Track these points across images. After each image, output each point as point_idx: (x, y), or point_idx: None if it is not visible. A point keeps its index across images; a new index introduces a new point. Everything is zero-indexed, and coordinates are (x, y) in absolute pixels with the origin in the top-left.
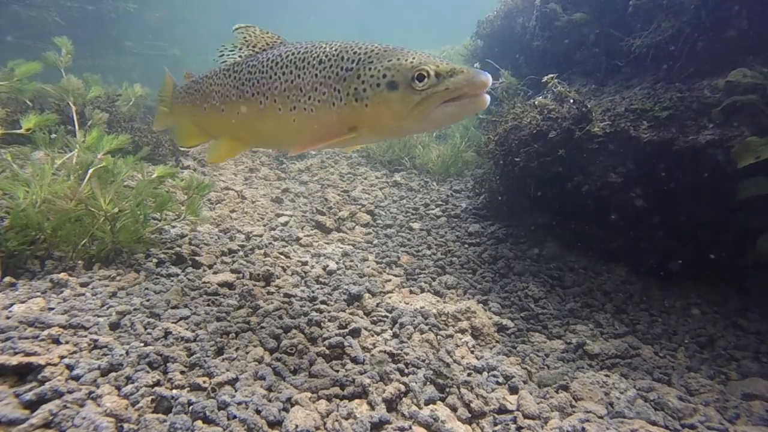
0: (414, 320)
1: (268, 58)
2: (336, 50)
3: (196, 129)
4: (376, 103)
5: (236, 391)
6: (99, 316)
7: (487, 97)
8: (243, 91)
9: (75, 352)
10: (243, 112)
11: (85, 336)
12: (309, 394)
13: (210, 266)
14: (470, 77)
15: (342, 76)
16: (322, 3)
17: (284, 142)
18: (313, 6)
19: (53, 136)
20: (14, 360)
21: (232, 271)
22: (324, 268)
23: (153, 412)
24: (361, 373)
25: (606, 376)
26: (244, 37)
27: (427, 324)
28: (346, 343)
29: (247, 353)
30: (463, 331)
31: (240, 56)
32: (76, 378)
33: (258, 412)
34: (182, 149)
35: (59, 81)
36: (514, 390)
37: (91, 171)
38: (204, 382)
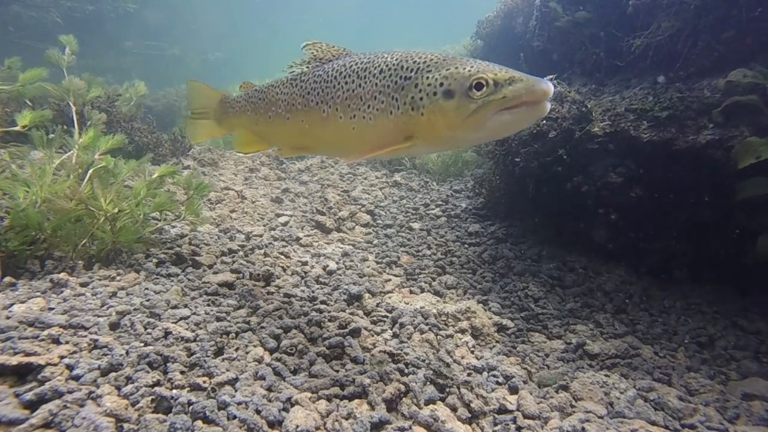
0: (414, 320)
1: (333, 68)
2: (396, 59)
3: (255, 136)
4: (431, 112)
5: (236, 391)
6: (99, 316)
7: (548, 105)
8: (308, 99)
9: (75, 352)
10: (307, 120)
11: (85, 336)
12: (309, 394)
13: (210, 266)
14: (529, 85)
15: (400, 85)
16: (322, 3)
17: (344, 150)
18: (313, 6)
19: (51, 135)
20: (14, 360)
21: (232, 271)
22: (324, 268)
23: (153, 412)
24: (361, 373)
25: (606, 376)
26: (312, 53)
27: (427, 324)
28: (346, 343)
29: (247, 353)
30: (463, 331)
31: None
32: (76, 378)
33: (258, 412)
34: (189, 149)
35: (59, 80)
36: (514, 390)
37: (91, 171)
38: (204, 382)
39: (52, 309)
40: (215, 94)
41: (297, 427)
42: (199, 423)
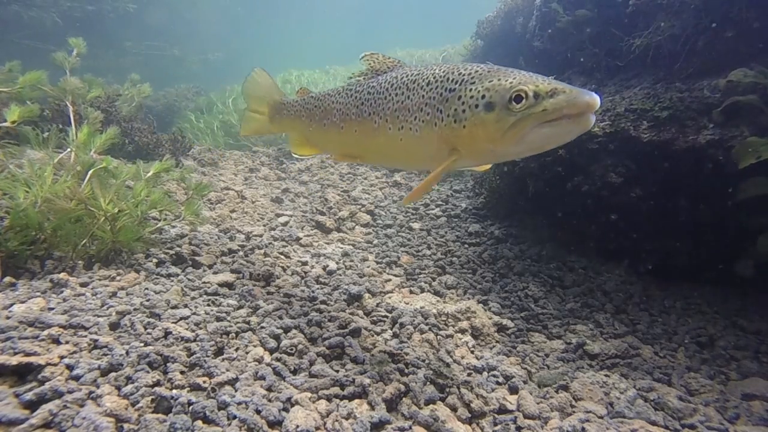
0: (414, 320)
1: (385, 80)
2: (443, 72)
3: (306, 141)
4: (472, 125)
5: (236, 391)
6: (99, 316)
7: (592, 118)
8: (362, 110)
9: (75, 352)
10: (360, 130)
11: (85, 336)
12: (309, 394)
13: (210, 266)
14: (571, 97)
15: (445, 97)
16: (322, 3)
17: (393, 161)
18: (313, 5)
19: (45, 134)
20: (14, 360)
21: (232, 271)
22: (324, 268)
23: (153, 412)
24: (361, 373)
25: (606, 376)
26: (369, 64)
27: (427, 324)
28: (346, 343)
29: (247, 353)
30: (463, 331)
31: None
32: (76, 378)
33: (258, 412)
34: (189, 148)
35: (60, 81)
36: (514, 390)
37: (91, 171)
38: (204, 382)
39: (52, 309)
40: (275, 91)
41: (297, 427)
42: (199, 423)
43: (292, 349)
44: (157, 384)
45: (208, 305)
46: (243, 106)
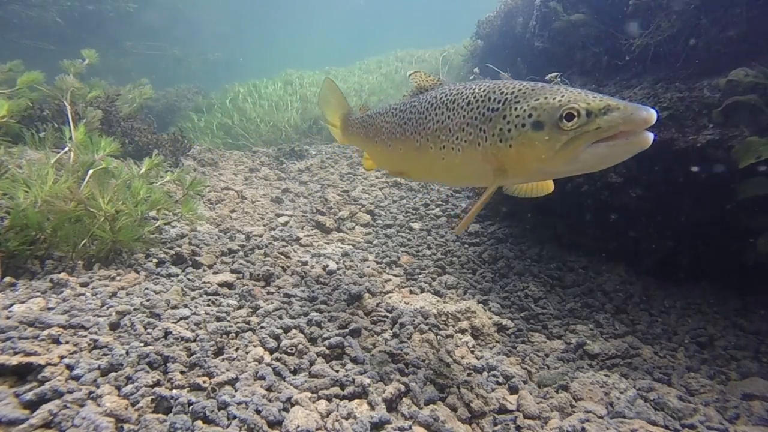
0: (414, 320)
1: (425, 100)
2: (484, 91)
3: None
4: (520, 144)
5: (236, 391)
6: (99, 316)
7: (650, 135)
8: (405, 129)
9: (75, 352)
10: (404, 148)
11: (85, 336)
12: (309, 394)
13: (210, 266)
14: (627, 114)
15: (488, 117)
16: (322, 3)
17: (438, 178)
18: (313, 5)
19: (42, 134)
20: (14, 360)
21: (232, 271)
22: (324, 268)
23: (153, 412)
24: (361, 373)
25: (606, 376)
26: (416, 82)
27: (427, 324)
28: (346, 343)
29: (247, 353)
30: (463, 331)
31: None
32: (76, 378)
33: (258, 412)
34: (189, 148)
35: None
36: (514, 390)
37: (91, 172)
38: (204, 382)
39: (52, 309)
40: (342, 105)
41: (297, 427)
42: (199, 423)
43: (292, 349)
44: (157, 384)
45: (208, 305)
46: (243, 106)
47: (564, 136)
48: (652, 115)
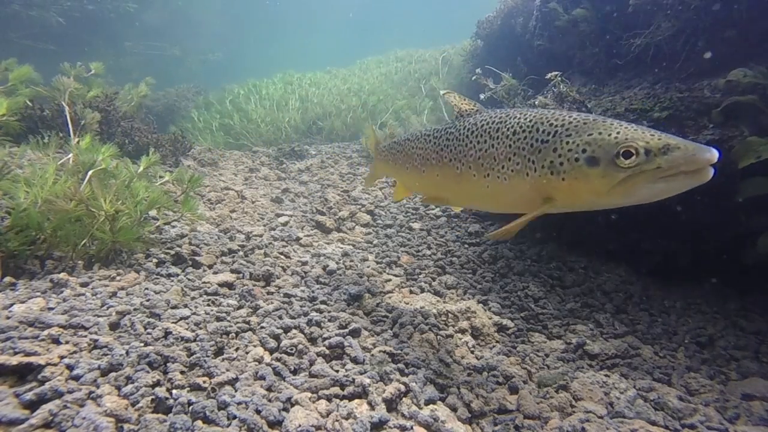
0: (414, 320)
1: (464, 126)
2: (530, 121)
3: (400, 183)
4: (573, 178)
5: (236, 391)
6: (99, 316)
7: (711, 171)
8: (442, 156)
9: (75, 352)
10: (442, 175)
11: (85, 336)
12: (309, 394)
13: (210, 266)
14: (689, 155)
15: (537, 148)
16: (322, 2)
17: (480, 205)
18: (312, 5)
19: (45, 140)
20: (14, 360)
21: (232, 271)
22: (324, 268)
23: (153, 412)
24: (361, 373)
25: (606, 376)
26: (450, 101)
27: (427, 324)
28: (346, 343)
29: (247, 353)
30: (463, 331)
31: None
32: (76, 378)
33: (258, 412)
34: (189, 148)
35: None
36: (514, 390)
37: (91, 172)
38: (204, 382)
39: (52, 309)
40: (373, 139)
41: (297, 427)
42: (199, 423)
43: (292, 349)
44: (157, 384)
45: (208, 305)
46: (246, 107)
47: (621, 173)
48: (714, 155)
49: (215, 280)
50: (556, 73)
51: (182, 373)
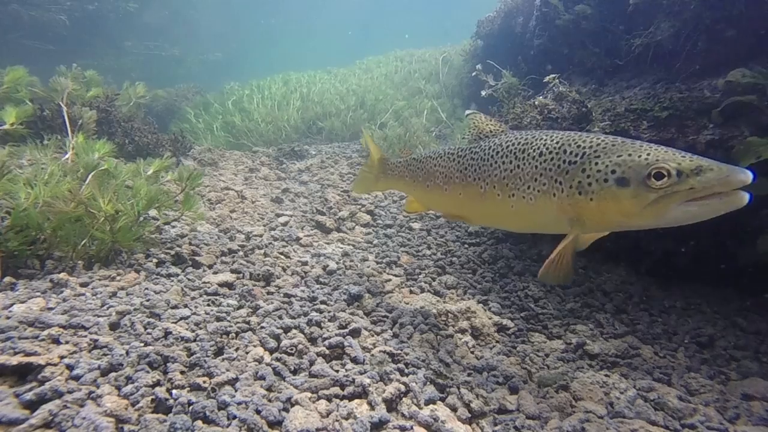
0: (414, 320)
1: (489, 146)
2: (557, 143)
3: (415, 199)
4: (602, 198)
5: (236, 391)
6: (99, 316)
7: (745, 195)
8: (466, 175)
9: (75, 352)
10: (465, 193)
11: (85, 336)
12: (309, 394)
13: (210, 266)
14: (722, 176)
15: (564, 169)
16: (321, 2)
17: (504, 224)
18: (312, 5)
19: (46, 142)
20: (14, 360)
21: (232, 271)
22: (324, 268)
23: (153, 412)
24: (361, 373)
25: (606, 376)
26: (473, 123)
27: (427, 324)
28: (346, 343)
29: (247, 353)
30: (463, 331)
31: (470, 139)
32: (76, 378)
33: (258, 412)
34: (189, 148)
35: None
36: (514, 390)
37: (92, 174)
38: (204, 382)
39: (52, 309)
40: (376, 153)
41: (297, 427)
42: (199, 423)
43: (292, 349)
44: (157, 384)
45: (208, 305)
46: (248, 107)
47: (652, 194)
48: (749, 176)
49: (215, 280)
50: (554, 75)
51: (182, 373)
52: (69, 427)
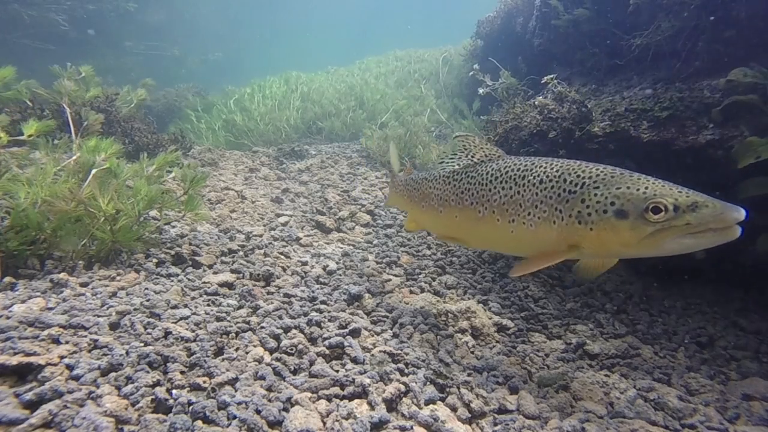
0: (414, 320)
1: (487, 171)
2: (557, 171)
3: (412, 219)
4: (601, 229)
5: (236, 391)
6: (99, 316)
7: (738, 229)
8: (462, 199)
9: (75, 352)
10: (461, 216)
11: (85, 336)
12: (309, 394)
13: (210, 266)
14: (717, 213)
15: (564, 198)
16: (321, 2)
17: (502, 248)
18: (312, 5)
19: (56, 142)
20: (14, 360)
21: (232, 271)
22: (324, 268)
23: (153, 412)
24: (361, 373)
25: (606, 376)
26: (464, 145)
27: (427, 324)
28: (346, 343)
29: (247, 353)
30: (463, 331)
31: (458, 163)
32: (76, 378)
33: (258, 412)
34: (189, 148)
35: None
36: (514, 390)
37: (93, 172)
38: (204, 382)
39: (52, 309)
40: (395, 167)
41: (297, 427)
42: (199, 423)
43: (292, 349)
44: (157, 384)
45: (208, 305)
46: (249, 106)
47: (650, 227)
48: (741, 213)
49: (215, 280)
50: (552, 76)
51: (182, 373)
52: (69, 427)
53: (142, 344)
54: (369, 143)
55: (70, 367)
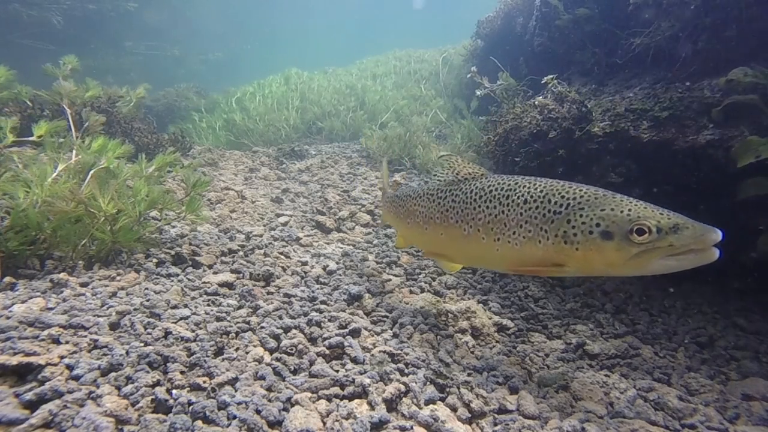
0: (414, 320)
1: (471, 190)
2: (541, 191)
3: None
4: (587, 249)
5: (236, 391)
6: (99, 316)
7: (716, 252)
8: (447, 216)
9: (75, 352)
10: (446, 234)
11: (85, 336)
12: (309, 394)
13: (210, 266)
14: (697, 235)
15: (549, 218)
16: (321, 2)
17: (487, 265)
18: (312, 5)
19: (61, 140)
20: (14, 360)
21: (232, 271)
22: (324, 268)
23: (153, 412)
24: (361, 373)
25: (606, 376)
26: (449, 164)
27: (427, 324)
28: (346, 343)
29: (247, 353)
30: (463, 331)
31: (443, 180)
32: (76, 378)
33: (258, 412)
34: (189, 148)
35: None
36: (514, 390)
37: (92, 172)
38: (204, 382)
39: (52, 309)
40: (385, 184)
41: (297, 427)
42: (199, 423)
43: (292, 349)
44: (157, 384)
45: (208, 305)
46: (249, 106)
47: (634, 248)
48: (719, 235)
49: (215, 280)
50: (552, 76)
51: (182, 373)
52: (69, 427)
53: (142, 344)
54: (369, 143)
55: (70, 367)
